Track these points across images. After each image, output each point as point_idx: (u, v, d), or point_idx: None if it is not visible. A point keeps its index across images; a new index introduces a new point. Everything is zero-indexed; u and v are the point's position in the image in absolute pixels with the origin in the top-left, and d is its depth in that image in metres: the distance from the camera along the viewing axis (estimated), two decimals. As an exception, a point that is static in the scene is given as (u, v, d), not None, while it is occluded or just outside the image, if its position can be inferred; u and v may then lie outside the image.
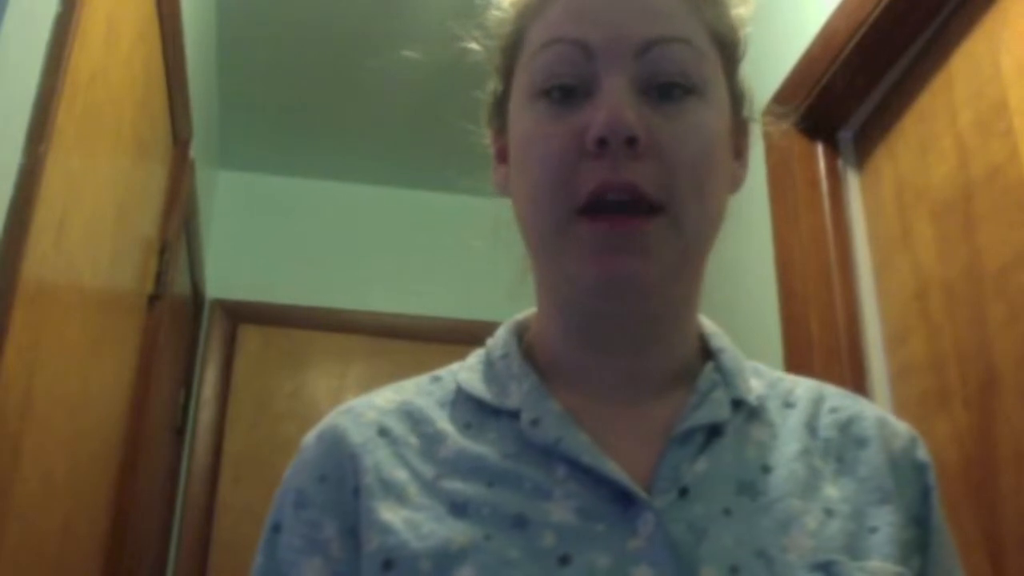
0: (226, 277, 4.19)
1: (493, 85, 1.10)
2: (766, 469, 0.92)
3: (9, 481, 1.52)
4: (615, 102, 0.89)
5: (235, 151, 4.30)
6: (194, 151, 3.12)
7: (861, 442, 0.97)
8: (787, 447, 0.94)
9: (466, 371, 1.04)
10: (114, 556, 2.42)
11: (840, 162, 2.40)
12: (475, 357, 1.06)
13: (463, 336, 4.08)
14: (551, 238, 0.93)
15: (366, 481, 0.93)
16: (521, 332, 1.07)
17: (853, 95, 2.30)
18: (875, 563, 0.86)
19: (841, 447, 0.96)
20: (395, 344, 4.22)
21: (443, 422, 0.98)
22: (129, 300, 2.47)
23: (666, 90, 0.92)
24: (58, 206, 1.66)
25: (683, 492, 0.87)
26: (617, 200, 0.88)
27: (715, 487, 0.89)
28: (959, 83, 2.00)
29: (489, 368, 1.02)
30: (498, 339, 1.07)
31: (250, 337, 4.22)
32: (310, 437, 1.03)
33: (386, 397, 1.03)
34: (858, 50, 2.17)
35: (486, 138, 1.15)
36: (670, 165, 0.89)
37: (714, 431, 0.93)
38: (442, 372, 1.06)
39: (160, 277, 2.73)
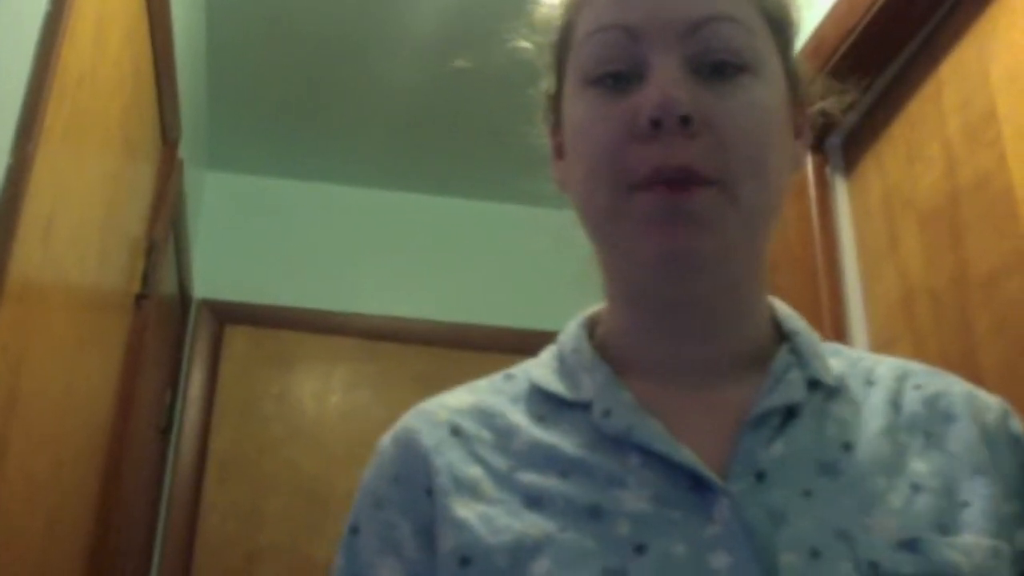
0: (213, 277, 4.18)
1: (546, 83, 1.09)
2: (848, 447, 0.90)
3: (-6, 480, 1.52)
4: (666, 82, 0.89)
5: (224, 152, 4.29)
6: (183, 151, 3.12)
7: (949, 417, 0.95)
8: (870, 424, 0.93)
9: (538, 367, 1.04)
10: (98, 556, 2.41)
11: (828, 169, 2.41)
12: (547, 353, 1.06)
13: (450, 339, 4.13)
14: (607, 219, 0.93)
15: (439, 481, 0.93)
16: (591, 326, 1.06)
17: (841, 101, 2.30)
18: (967, 538, 0.85)
19: (928, 422, 0.94)
20: (382, 346, 4.21)
21: (516, 415, 0.98)
22: (116, 300, 2.47)
23: (718, 68, 0.91)
24: (46, 205, 1.66)
25: (760, 476, 0.87)
26: (671, 178, 0.88)
27: (794, 470, 0.88)
28: (948, 91, 2.01)
29: (561, 363, 1.02)
30: (568, 334, 1.06)
31: (237, 338, 4.21)
32: (386, 439, 1.03)
33: (459, 397, 1.03)
34: (846, 57, 2.17)
35: (543, 136, 1.12)
36: (724, 141, 0.89)
37: (790, 413, 0.92)
38: (515, 370, 1.07)
39: (147, 277, 2.73)
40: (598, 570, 0.82)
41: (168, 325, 3.57)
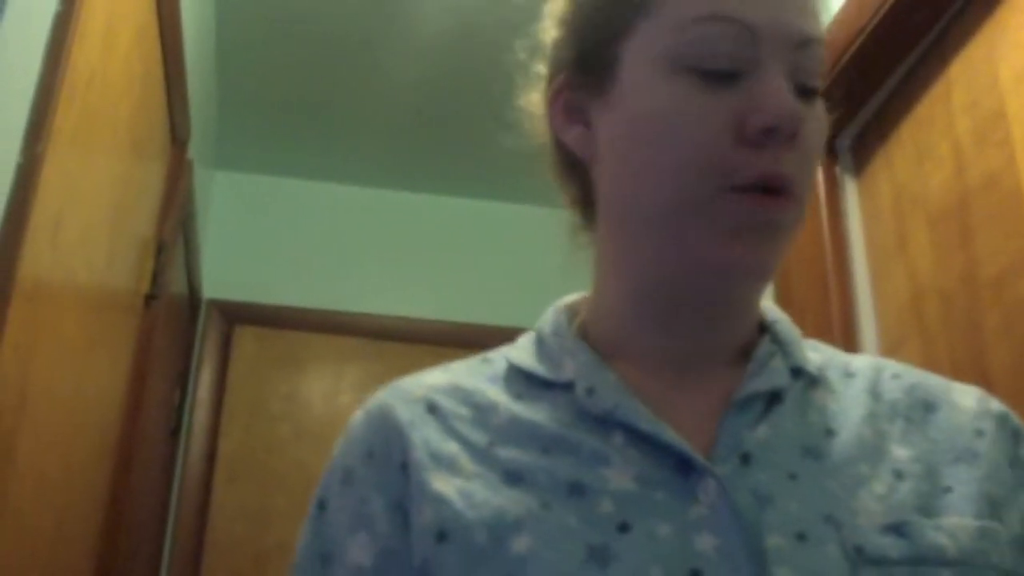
0: (222, 278, 4.19)
1: (561, 33, 1.04)
2: (830, 433, 0.90)
3: (3, 480, 1.52)
4: (784, 93, 0.87)
5: (233, 152, 4.30)
6: (192, 151, 3.12)
7: (929, 405, 0.95)
8: (851, 412, 0.93)
9: (516, 350, 1.03)
10: (108, 556, 2.41)
11: (837, 169, 2.40)
12: (525, 338, 1.05)
13: (458, 339, 4.13)
14: (678, 214, 0.89)
15: (415, 455, 0.92)
16: (571, 314, 1.05)
17: (851, 103, 2.30)
18: (952, 519, 0.84)
19: (908, 408, 0.95)
20: (390, 346, 4.22)
21: (494, 393, 0.97)
22: (125, 300, 2.47)
23: (806, 89, 0.91)
24: (55, 205, 1.66)
25: (745, 459, 0.86)
26: (762, 187, 0.87)
27: (778, 452, 0.87)
28: (957, 92, 2.00)
29: (540, 346, 1.02)
30: (546, 319, 1.05)
31: (246, 338, 4.22)
32: (357, 415, 1.02)
33: (435, 376, 1.02)
34: (856, 58, 2.17)
35: (532, 90, 1.09)
36: (804, 159, 0.89)
37: (774, 398, 0.92)
38: (491, 354, 1.06)
39: (156, 277, 2.73)
40: (581, 547, 0.81)
41: (177, 325, 3.58)
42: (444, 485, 0.89)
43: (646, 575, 0.79)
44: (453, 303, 4.31)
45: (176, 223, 2.98)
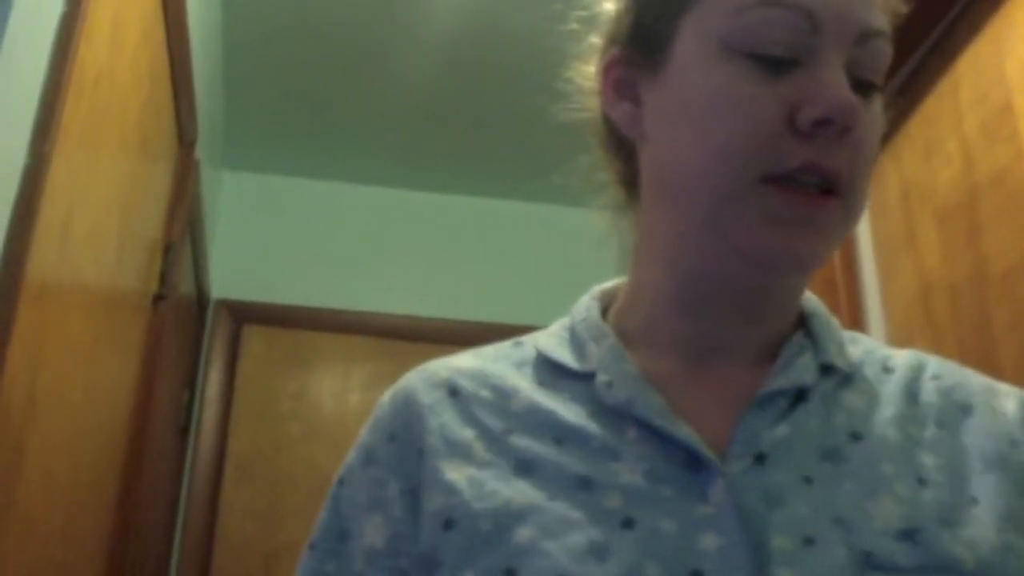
0: (230, 277, 4.19)
1: (618, 6, 1.01)
2: (856, 436, 0.88)
3: (12, 480, 1.52)
4: (841, 84, 0.86)
5: (240, 152, 4.30)
6: (199, 151, 3.13)
7: (966, 409, 0.92)
8: (882, 413, 0.91)
9: (546, 336, 1.03)
10: (117, 556, 2.42)
11: (845, 165, 2.40)
12: (557, 324, 1.05)
13: (467, 337, 4.10)
14: (724, 202, 0.88)
15: (430, 441, 0.92)
16: (607, 300, 1.04)
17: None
18: (973, 531, 0.81)
19: (942, 412, 0.92)
20: (399, 345, 4.22)
21: (518, 379, 0.97)
22: (133, 300, 2.47)
23: (864, 84, 0.89)
24: (63, 206, 1.66)
25: (760, 458, 0.84)
26: (807, 180, 0.85)
27: (796, 453, 0.85)
28: (964, 87, 2.00)
29: (571, 333, 1.01)
30: (580, 304, 1.04)
31: (254, 337, 4.22)
32: (385, 396, 1.02)
33: (463, 359, 1.02)
34: (863, 53, 2.17)
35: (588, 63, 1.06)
36: (859, 156, 0.87)
37: (799, 396, 0.90)
38: (524, 338, 1.05)
39: (164, 277, 2.74)
40: (582, 541, 0.81)
41: (185, 325, 3.58)
42: (455, 474, 0.89)
43: (642, 572, 0.78)
44: (461, 301, 4.31)
45: (184, 223, 2.98)
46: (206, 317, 4.13)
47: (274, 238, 4.35)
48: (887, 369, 0.97)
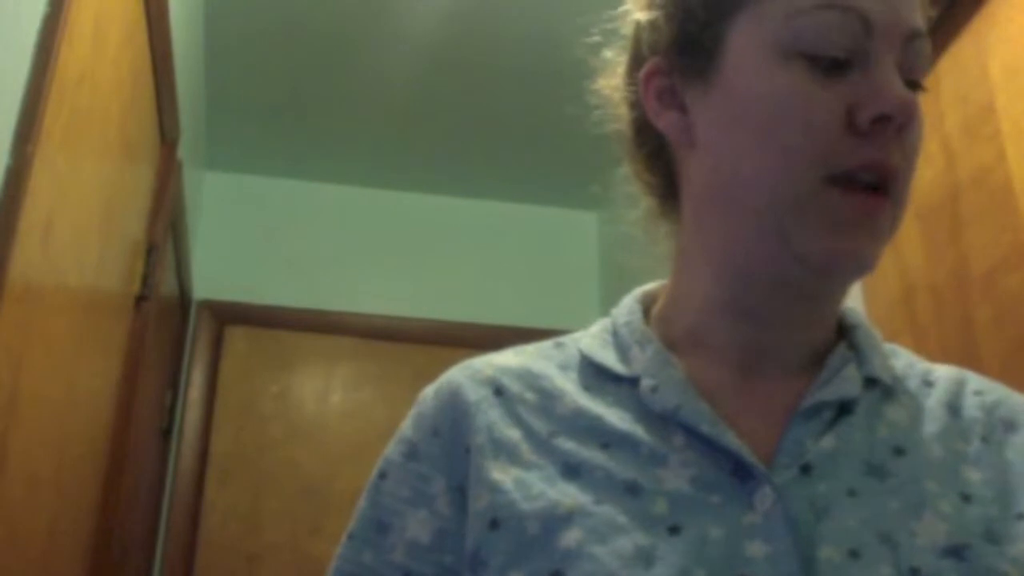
0: (213, 278, 4.18)
1: (655, 15, 1.00)
2: (899, 451, 0.87)
3: (-5, 482, 1.52)
4: (898, 84, 0.87)
5: (223, 152, 4.30)
6: (182, 152, 3.12)
7: (1010, 425, 0.91)
8: (925, 428, 0.90)
9: (589, 337, 1.02)
10: (100, 557, 2.41)
11: (827, 165, 2.40)
12: (598, 325, 1.04)
13: (449, 338, 4.13)
14: (788, 205, 0.88)
15: (478, 440, 0.92)
16: (648, 303, 1.04)
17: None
18: (1020, 548, 0.80)
19: (987, 428, 0.91)
20: (381, 346, 4.22)
21: (563, 381, 0.97)
22: (116, 301, 2.47)
23: (911, 84, 0.90)
24: (45, 207, 1.66)
25: (805, 469, 0.84)
26: (867, 180, 0.86)
27: (841, 466, 0.85)
28: (946, 86, 2.01)
29: (613, 336, 1.00)
30: (622, 307, 1.04)
31: (236, 338, 4.22)
32: (428, 390, 1.02)
33: (506, 357, 1.02)
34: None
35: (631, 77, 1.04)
36: (911, 156, 0.89)
37: (844, 408, 0.89)
38: (565, 339, 1.04)
39: (147, 278, 2.73)
40: (629, 546, 0.80)
41: (168, 326, 3.58)
42: (502, 474, 0.89)
43: None
44: (443, 302, 4.31)
45: (166, 224, 2.98)
46: (188, 318, 4.12)
47: (257, 239, 4.34)
48: (928, 383, 0.96)
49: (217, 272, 4.20)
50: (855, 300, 2.28)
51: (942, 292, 1.95)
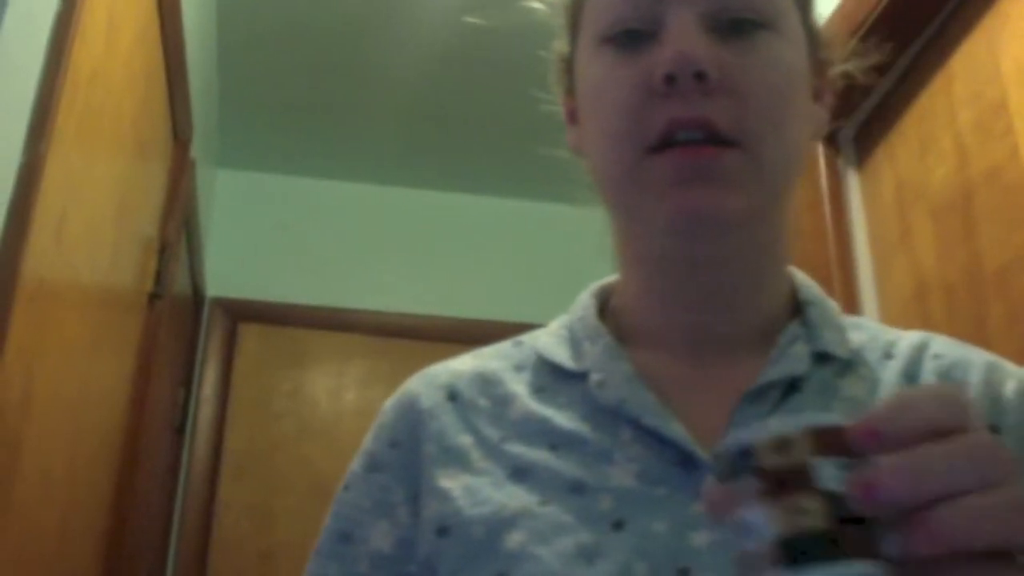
0: (226, 276, 4.19)
1: (559, 45, 1.04)
2: None
3: (9, 479, 1.52)
4: (681, 37, 0.84)
5: (235, 150, 4.30)
6: (194, 150, 3.12)
7: (960, 387, 0.89)
8: (880, 400, 0.86)
9: (546, 335, 1.02)
10: (113, 554, 2.42)
11: (840, 161, 2.40)
12: (557, 322, 1.04)
13: (463, 335, 4.11)
14: (624, 183, 0.89)
15: (428, 448, 0.93)
16: (604, 296, 1.03)
17: (853, 95, 2.30)
18: None
19: None
20: (394, 343, 4.22)
21: (515, 384, 0.97)
22: (129, 298, 2.47)
23: (736, 25, 0.87)
24: (58, 204, 1.66)
25: None
26: (689, 138, 0.84)
27: None
28: (959, 83, 2.00)
29: (569, 331, 1.00)
30: (578, 302, 1.04)
31: (250, 335, 4.22)
32: (388, 402, 1.02)
33: (463, 361, 1.02)
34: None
35: (556, 102, 1.07)
36: (744, 99, 0.85)
37: (792, 387, 0.88)
38: (525, 337, 1.05)
39: (160, 276, 2.74)
40: (571, 545, 0.80)
41: (181, 324, 3.58)
42: (450, 481, 0.89)
43: (631, 572, 0.78)
44: (457, 299, 4.31)
45: (179, 222, 2.98)
46: (202, 315, 4.13)
47: (270, 236, 4.34)
48: (888, 355, 0.94)
49: (230, 270, 4.21)
50: (868, 299, 2.27)
51: (955, 290, 1.95)
